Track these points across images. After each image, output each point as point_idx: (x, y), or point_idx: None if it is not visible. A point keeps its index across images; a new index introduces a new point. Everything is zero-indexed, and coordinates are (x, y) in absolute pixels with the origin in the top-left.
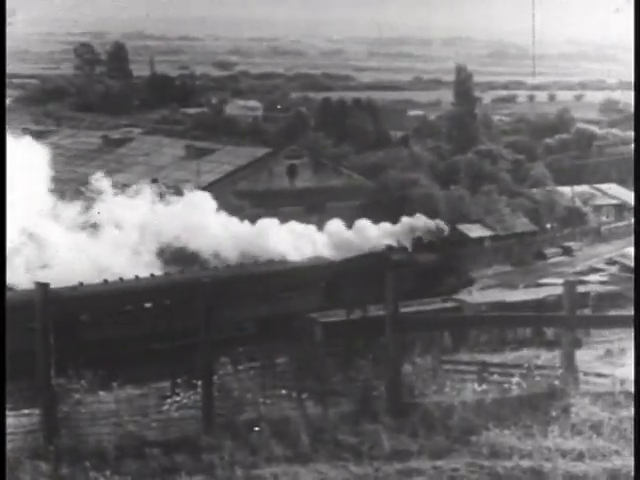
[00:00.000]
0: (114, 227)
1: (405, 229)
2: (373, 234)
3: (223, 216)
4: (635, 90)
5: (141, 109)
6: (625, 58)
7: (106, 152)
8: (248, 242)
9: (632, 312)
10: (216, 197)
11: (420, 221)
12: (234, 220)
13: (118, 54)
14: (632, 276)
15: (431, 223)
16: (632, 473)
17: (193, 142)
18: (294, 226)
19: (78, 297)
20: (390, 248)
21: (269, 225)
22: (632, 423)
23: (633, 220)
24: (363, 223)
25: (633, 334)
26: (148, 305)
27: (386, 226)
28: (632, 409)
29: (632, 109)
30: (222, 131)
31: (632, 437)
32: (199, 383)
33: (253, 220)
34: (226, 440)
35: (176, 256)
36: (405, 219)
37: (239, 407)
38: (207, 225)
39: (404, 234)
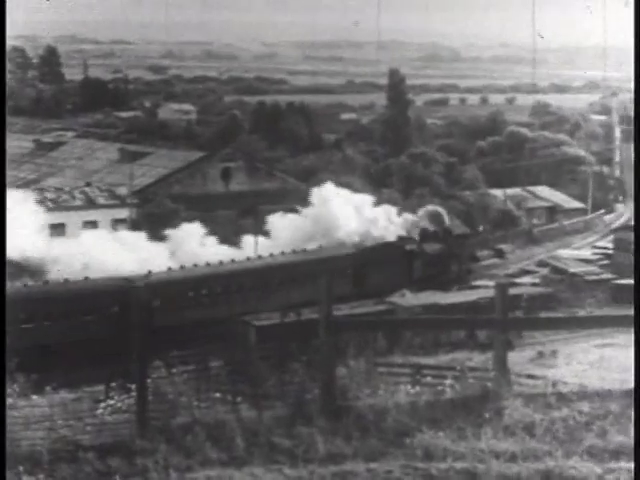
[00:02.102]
0: None
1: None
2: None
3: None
4: (635, 89)
5: (74, 113)
6: (556, 61)
7: (38, 156)
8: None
9: (561, 314)
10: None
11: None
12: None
13: (50, 58)
14: (563, 278)
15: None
16: (632, 474)
17: (126, 146)
18: (125, 236)
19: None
20: (402, 238)
21: (94, 236)
22: (562, 424)
23: (561, 222)
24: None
25: (633, 333)
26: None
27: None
28: (565, 410)
29: (563, 112)
30: (156, 135)
31: (564, 438)
32: (133, 387)
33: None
34: (160, 444)
35: None
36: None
37: (173, 411)
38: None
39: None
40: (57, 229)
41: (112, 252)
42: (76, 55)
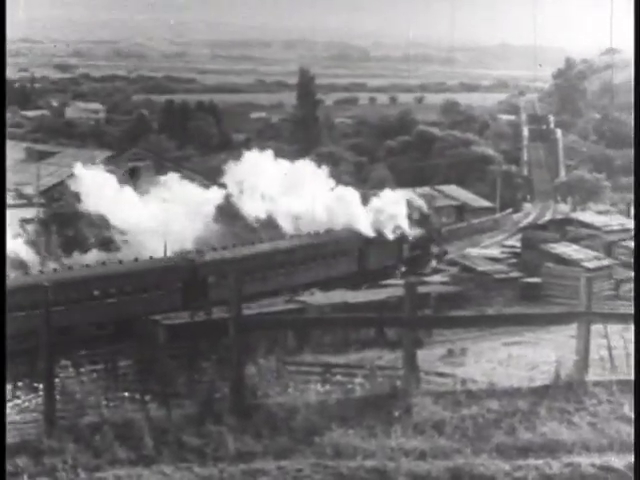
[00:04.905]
0: None
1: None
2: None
3: None
4: (635, 90)
5: None
6: (465, 60)
7: None
8: None
9: (470, 312)
10: None
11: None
12: None
13: None
14: (472, 276)
15: None
16: (632, 473)
17: (33, 145)
18: None
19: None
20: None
21: None
22: (471, 422)
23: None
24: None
25: (633, 332)
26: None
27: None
28: (474, 408)
29: (471, 111)
30: (63, 134)
31: (473, 436)
32: (40, 386)
33: None
34: (68, 443)
35: None
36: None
37: (81, 410)
38: None
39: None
40: None
41: None
42: None
